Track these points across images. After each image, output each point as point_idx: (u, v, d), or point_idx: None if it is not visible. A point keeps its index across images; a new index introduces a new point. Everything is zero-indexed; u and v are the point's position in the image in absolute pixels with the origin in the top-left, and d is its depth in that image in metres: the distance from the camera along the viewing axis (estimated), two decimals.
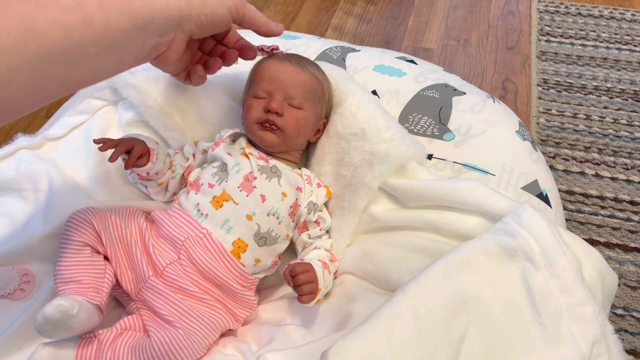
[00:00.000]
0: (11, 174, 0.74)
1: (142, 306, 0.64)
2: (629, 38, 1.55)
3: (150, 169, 0.70)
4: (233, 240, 0.66)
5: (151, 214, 0.71)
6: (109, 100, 0.83)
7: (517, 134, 0.82)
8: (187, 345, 0.57)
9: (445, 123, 0.82)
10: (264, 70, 0.72)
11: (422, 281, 0.53)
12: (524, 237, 0.56)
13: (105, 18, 0.46)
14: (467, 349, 0.51)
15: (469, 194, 0.65)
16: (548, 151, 1.21)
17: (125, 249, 0.65)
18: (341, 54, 0.93)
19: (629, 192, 1.12)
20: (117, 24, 0.48)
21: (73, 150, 0.79)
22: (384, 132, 0.72)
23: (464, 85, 0.89)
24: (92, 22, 0.45)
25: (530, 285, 0.55)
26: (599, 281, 0.58)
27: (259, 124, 0.71)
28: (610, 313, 0.84)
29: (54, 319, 0.53)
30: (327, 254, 0.70)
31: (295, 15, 1.65)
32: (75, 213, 0.64)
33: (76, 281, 0.60)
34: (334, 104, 0.78)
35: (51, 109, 1.28)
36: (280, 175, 0.70)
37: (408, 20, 1.63)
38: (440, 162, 0.78)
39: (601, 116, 1.30)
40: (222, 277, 0.64)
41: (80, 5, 0.45)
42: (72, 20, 0.44)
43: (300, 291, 0.62)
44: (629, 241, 1.03)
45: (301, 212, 0.70)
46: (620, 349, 0.53)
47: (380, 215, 0.71)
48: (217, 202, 0.67)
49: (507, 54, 1.50)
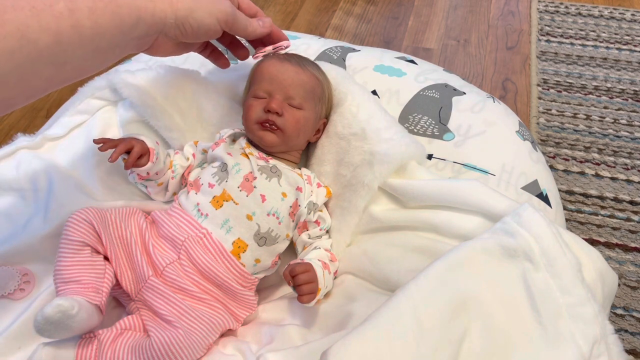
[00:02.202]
0: (11, 174, 0.74)
1: (142, 306, 0.64)
2: (629, 38, 1.55)
3: (150, 169, 0.70)
4: (233, 240, 0.66)
5: (151, 214, 0.71)
6: (109, 100, 0.83)
7: (517, 134, 0.82)
8: (187, 345, 0.57)
9: (445, 123, 0.82)
10: (264, 70, 0.72)
11: (422, 281, 0.53)
12: (524, 237, 0.56)
13: (94, 24, 0.49)
14: (467, 348, 0.51)
15: (469, 194, 0.65)
16: (548, 151, 1.21)
17: (125, 249, 0.65)
18: (341, 54, 0.93)
19: (629, 192, 1.12)
20: (105, 29, 0.50)
21: (73, 150, 0.79)
22: (384, 132, 0.72)
23: (464, 85, 0.89)
24: (81, 28, 0.48)
25: (530, 285, 0.55)
26: (599, 281, 0.58)
27: (259, 124, 0.71)
28: (610, 313, 0.84)
29: (53, 319, 0.53)
30: (327, 254, 0.70)
31: (295, 15, 1.65)
32: (75, 213, 0.64)
33: (76, 281, 0.60)
34: (334, 104, 0.78)
35: (51, 109, 1.28)
36: (280, 175, 0.70)
37: (408, 20, 1.63)
38: (440, 162, 0.78)
39: (601, 116, 1.30)
40: (222, 277, 0.64)
41: (72, 12, 0.47)
42: (63, 26, 0.46)
43: (300, 291, 0.62)
44: (629, 241, 1.03)
45: (301, 212, 0.70)
46: (620, 349, 0.53)
47: (380, 215, 0.71)
48: (217, 202, 0.67)
49: (507, 54, 1.50)
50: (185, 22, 0.58)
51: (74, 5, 0.47)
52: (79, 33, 0.48)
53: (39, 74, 0.47)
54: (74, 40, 0.48)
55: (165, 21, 0.56)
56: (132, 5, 0.53)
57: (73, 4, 0.47)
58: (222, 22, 0.62)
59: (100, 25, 0.49)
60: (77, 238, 0.62)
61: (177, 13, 0.57)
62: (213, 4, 0.60)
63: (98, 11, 0.49)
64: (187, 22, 0.58)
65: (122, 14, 0.51)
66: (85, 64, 0.51)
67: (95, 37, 0.49)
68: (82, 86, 0.83)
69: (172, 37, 0.60)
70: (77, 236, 0.62)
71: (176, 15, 0.57)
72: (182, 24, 0.58)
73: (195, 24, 0.59)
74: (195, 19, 0.58)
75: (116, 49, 0.54)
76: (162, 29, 0.57)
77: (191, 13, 0.58)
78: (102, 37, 0.50)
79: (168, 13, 0.56)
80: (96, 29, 0.49)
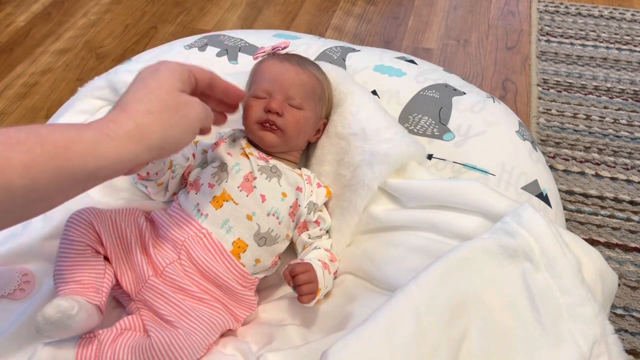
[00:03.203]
0: None
1: (142, 306, 0.64)
2: (629, 38, 1.54)
3: (150, 169, 0.70)
4: (233, 240, 0.66)
5: (151, 214, 0.71)
6: (109, 100, 0.83)
7: (517, 134, 0.82)
8: (187, 345, 0.57)
9: (445, 123, 0.82)
10: (264, 70, 0.72)
11: (423, 281, 0.53)
12: (524, 237, 0.56)
13: (30, 182, 0.41)
14: (467, 348, 0.51)
15: (469, 194, 0.65)
16: (548, 151, 1.21)
17: (125, 249, 0.65)
18: (341, 54, 0.93)
19: (629, 192, 1.12)
20: (46, 184, 0.42)
21: None
22: (384, 132, 0.72)
23: (464, 85, 0.89)
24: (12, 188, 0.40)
25: (530, 285, 0.55)
26: (599, 281, 0.58)
27: (259, 124, 0.71)
28: (610, 313, 0.84)
29: (53, 319, 0.53)
30: (327, 254, 0.70)
31: (295, 15, 1.65)
32: (75, 213, 0.64)
33: (76, 281, 0.60)
34: (334, 104, 0.78)
35: (51, 109, 1.28)
36: (280, 175, 0.70)
37: (408, 20, 1.63)
38: (440, 162, 0.78)
39: (601, 116, 1.30)
40: (222, 277, 0.64)
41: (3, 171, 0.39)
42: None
43: (300, 291, 0.62)
44: (629, 241, 1.03)
45: (301, 212, 0.70)
46: (620, 349, 0.53)
47: (380, 215, 0.71)
48: (217, 202, 0.67)
49: (507, 54, 1.50)
50: (160, 151, 0.49)
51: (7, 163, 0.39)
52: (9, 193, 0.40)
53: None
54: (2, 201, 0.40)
55: (137, 160, 0.47)
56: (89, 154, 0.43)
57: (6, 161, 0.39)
58: (198, 131, 0.53)
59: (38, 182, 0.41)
60: (77, 238, 0.62)
61: (150, 146, 0.47)
62: (186, 118, 0.50)
63: (37, 167, 0.41)
64: (163, 149, 0.49)
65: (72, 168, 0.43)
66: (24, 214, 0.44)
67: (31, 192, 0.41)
68: (82, 86, 0.83)
69: (144, 165, 0.53)
70: (77, 236, 0.62)
71: (150, 148, 0.47)
72: (158, 154, 0.49)
73: (172, 147, 0.50)
74: (170, 144, 0.49)
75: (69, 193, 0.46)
76: (131, 168, 0.49)
77: (165, 140, 0.48)
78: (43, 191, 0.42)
79: (140, 152, 0.47)
80: (32, 186, 0.41)
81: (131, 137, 0.46)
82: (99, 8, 1.65)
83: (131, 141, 0.46)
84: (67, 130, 0.44)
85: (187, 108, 0.50)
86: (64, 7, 1.65)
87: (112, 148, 0.45)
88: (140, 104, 0.47)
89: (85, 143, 0.43)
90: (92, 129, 0.45)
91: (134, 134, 0.46)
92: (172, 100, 0.49)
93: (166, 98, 0.49)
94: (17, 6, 1.64)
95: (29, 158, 0.40)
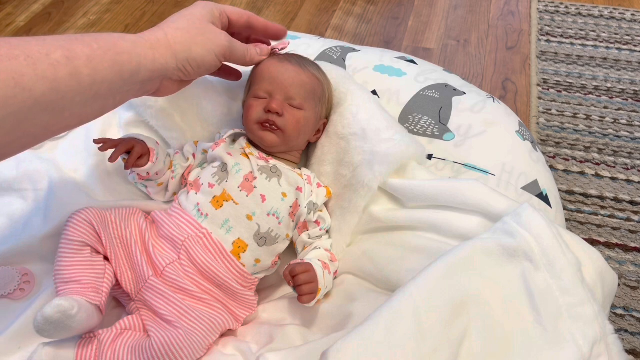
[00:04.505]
0: (11, 174, 0.74)
1: (142, 306, 0.64)
2: (629, 38, 1.54)
3: (150, 169, 0.70)
4: (233, 240, 0.66)
5: (151, 214, 0.71)
6: None
7: (517, 134, 0.82)
8: (187, 345, 0.57)
9: (445, 123, 0.82)
10: (265, 71, 0.72)
11: (422, 281, 0.52)
12: (524, 237, 0.56)
13: (92, 71, 0.48)
14: (467, 348, 0.51)
15: (469, 194, 0.65)
16: (548, 151, 1.21)
17: (125, 249, 0.65)
18: (341, 54, 0.93)
19: (629, 192, 1.12)
20: (104, 76, 0.49)
21: (73, 150, 0.79)
22: (384, 132, 0.72)
23: (464, 85, 0.89)
24: (79, 76, 0.47)
25: (530, 286, 0.54)
26: (599, 281, 0.58)
27: (259, 124, 0.71)
28: (610, 313, 0.84)
29: (53, 319, 0.53)
30: (327, 254, 0.70)
31: (295, 15, 1.65)
32: (75, 213, 0.64)
33: (76, 281, 0.60)
34: (334, 104, 0.78)
35: None
36: (281, 175, 0.70)
37: (408, 20, 1.63)
38: (440, 162, 0.78)
39: (601, 116, 1.30)
40: (222, 277, 0.64)
41: (70, 60, 0.46)
42: (61, 74, 0.46)
43: (300, 291, 0.62)
44: (629, 241, 1.03)
45: (301, 212, 0.70)
46: (620, 349, 0.53)
47: (380, 215, 0.71)
48: (217, 202, 0.67)
49: (507, 54, 1.50)
50: (185, 64, 0.58)
51: (72, 54, 0.47)
52: (77, 80, 0.47)
53: (35, 122, 0.46)
54: (72, 88, 0.47)
55: (167, 66, 0.56)
56: (132, 52, 0.52)
57: (71, 52, 0.47)
58: (221, 56, 0.61)
59: (98, 72, 0.49)
60: (77, 238, 0.62)
61: (177, 56, 0.57)
62: (210, 40, 0.60)
63: (97, 59, 0.48)
64: (187, 63, 0.58)
65: (121, 62, 0.51)
66: (85, 111, 0.50)
67: (94, 84, 0.48)
68: None
69: (176, 78, 0.60)
70: (77, 236, 0.62)
71: (176, 58, 0.57)
72: (183, 66, 0.58)
73: (195, 64, 0.59)
74: (194, 59, 0.58)
75: (117, 95, 0.53)
76: (164, 74, 0.57)
77: (190, 54, 0.58)
78: (101, 84, 0.49)
79: (168, 58, 0.56)
80: (94, 76, 0.48)
81: (161, 43, 0.56)
82: (99, 8, 1.65)
83: (161, 46, 0.55)
84: (110, 34, 0.52)
85: (211, 34, 0.60)
86: (64, 7, 1.65)
87: (147, 49, 0.54)
88: (173, 23, 0.58)
89: (128, 42, 0.53)
90: (131, 35, 0.54)
91: (164, 41, 0.56)
92: (199, 25, 0.59)
93: (195, 22, 0.59)
94: (17, 6, 1.64)
95: (89, 50, 0.48)
